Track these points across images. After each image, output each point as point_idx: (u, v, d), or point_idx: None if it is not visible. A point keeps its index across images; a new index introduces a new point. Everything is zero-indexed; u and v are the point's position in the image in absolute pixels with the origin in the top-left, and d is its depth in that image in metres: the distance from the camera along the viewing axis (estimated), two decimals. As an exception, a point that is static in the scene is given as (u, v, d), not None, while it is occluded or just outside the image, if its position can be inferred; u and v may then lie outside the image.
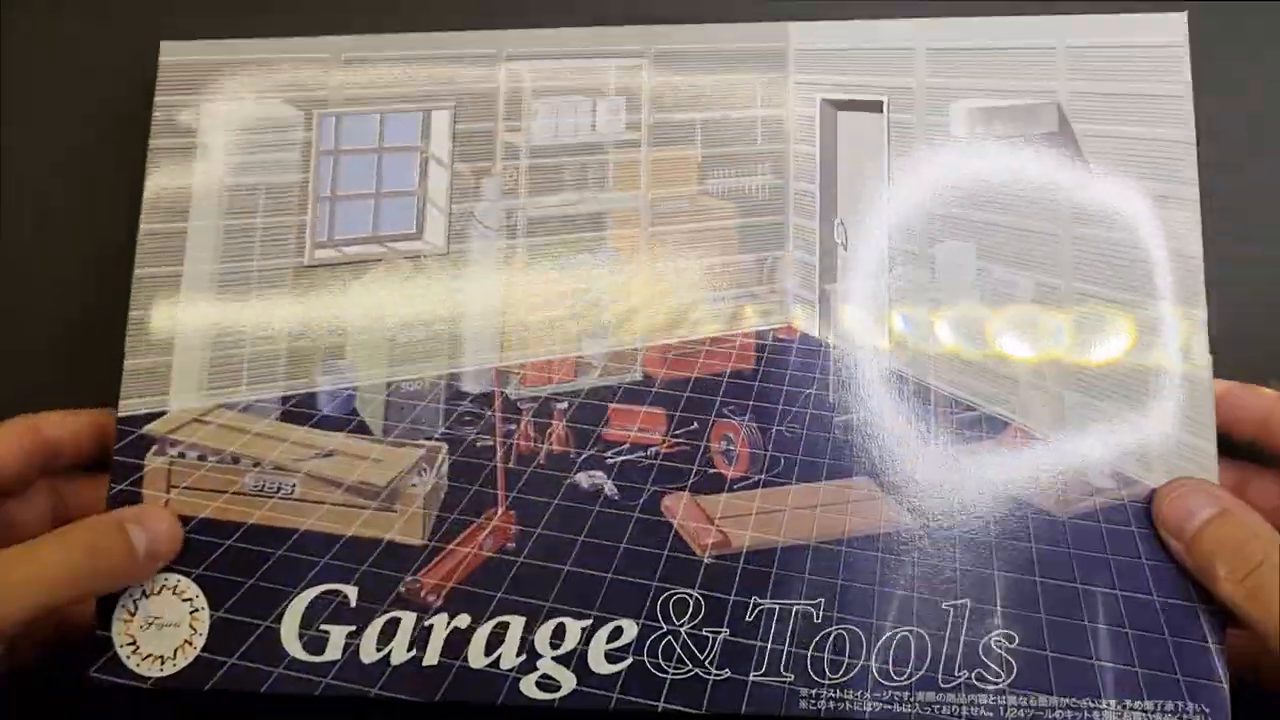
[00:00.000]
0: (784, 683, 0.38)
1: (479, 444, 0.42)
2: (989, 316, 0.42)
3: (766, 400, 0.42)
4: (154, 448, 0.42)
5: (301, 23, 0.46)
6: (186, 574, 0.40)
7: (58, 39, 0.50)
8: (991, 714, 0.38)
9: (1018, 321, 0.41)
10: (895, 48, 0.43)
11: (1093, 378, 0.41)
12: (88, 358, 0.46)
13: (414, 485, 0.41)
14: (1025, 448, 0.40)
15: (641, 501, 0.41)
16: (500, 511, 0.41)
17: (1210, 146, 0.41)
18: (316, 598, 0.40)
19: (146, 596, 0.40)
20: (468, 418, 0.42)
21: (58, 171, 0.49)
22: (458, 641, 0.39)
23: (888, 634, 0.39)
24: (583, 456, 0.42)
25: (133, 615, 0.40)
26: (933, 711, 0.38)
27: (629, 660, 0.39)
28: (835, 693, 0.38)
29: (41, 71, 0.50)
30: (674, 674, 0.39)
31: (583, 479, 0.41)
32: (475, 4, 0.49)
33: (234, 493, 0.41)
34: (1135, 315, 0.41)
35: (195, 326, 0.43)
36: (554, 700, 0.39)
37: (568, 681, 0.39)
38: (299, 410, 0.42)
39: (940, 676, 0.38)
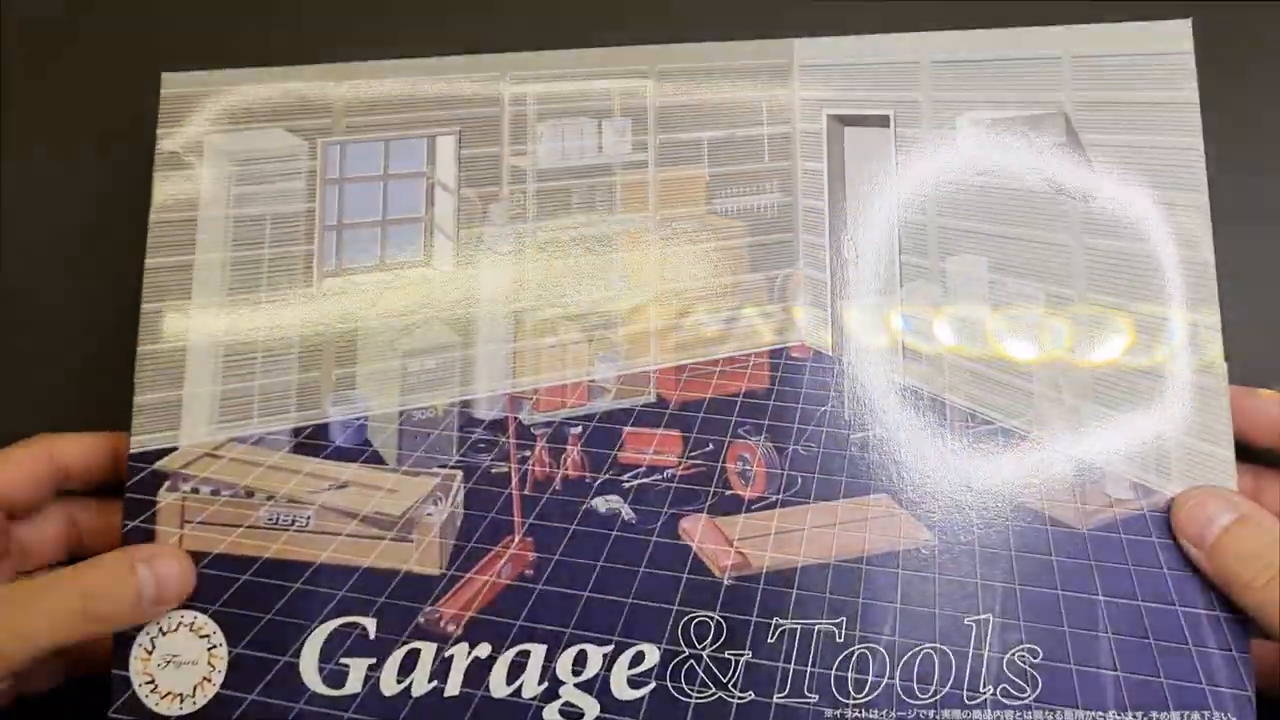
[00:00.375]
0: (808, 704, 0.38)
1: (494, 471, 0.42)
2: (1002, 329, 0.41)
3: (782, 419, 0.42)
4: (166, 483, 0.41)
5: (303, 51, 0.45)
6: (203, 610, 0.40)
7: (60, 69, 0.50)
8: (1017, 729, 0.38)
9: (1031, 333, 0.41)
10: (900, 61, 0.43)
11: (1108, 388, 0.41)
12: (96, 380, 0.46)
13: (430, 514, 0.41)
14: (1043, 460, 0.40)
15: (659, 525, 0.41)
16: (517, 539, 0.41)
17: (1217, 151, 0.41)
18: (335, 630, 0.40)
19: (164, 634, 0.40)
20: (482, 445, 0.42)
21: (62, 199, 0.49)
22: (479, 671, 0.39)
23: (911, 651, 0.38)
24: (599, 481, 0.41)
25: (150, 653, 0.40)
26: (959, 729, 0.38)
27: (652, 685, 0.39)
28: (860, 712, 0.38)
29: (45, 101, 0.50)
30: (697, 698, 0.39)
31: (599, 504, 0.41)
32: (477, 28, 0.49)
33: (248, 527, 0.41)
34: (1149, 324, 0.40)
35: (204, 360, 0.42)
36: (578, 728, 0.39)
37: (591, 709, 0.39)
38: (311, 442, 0.42)
39: (965, 693, 0.38)
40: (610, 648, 0.39)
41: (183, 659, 0.40)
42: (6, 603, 0.37)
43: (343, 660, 0.39)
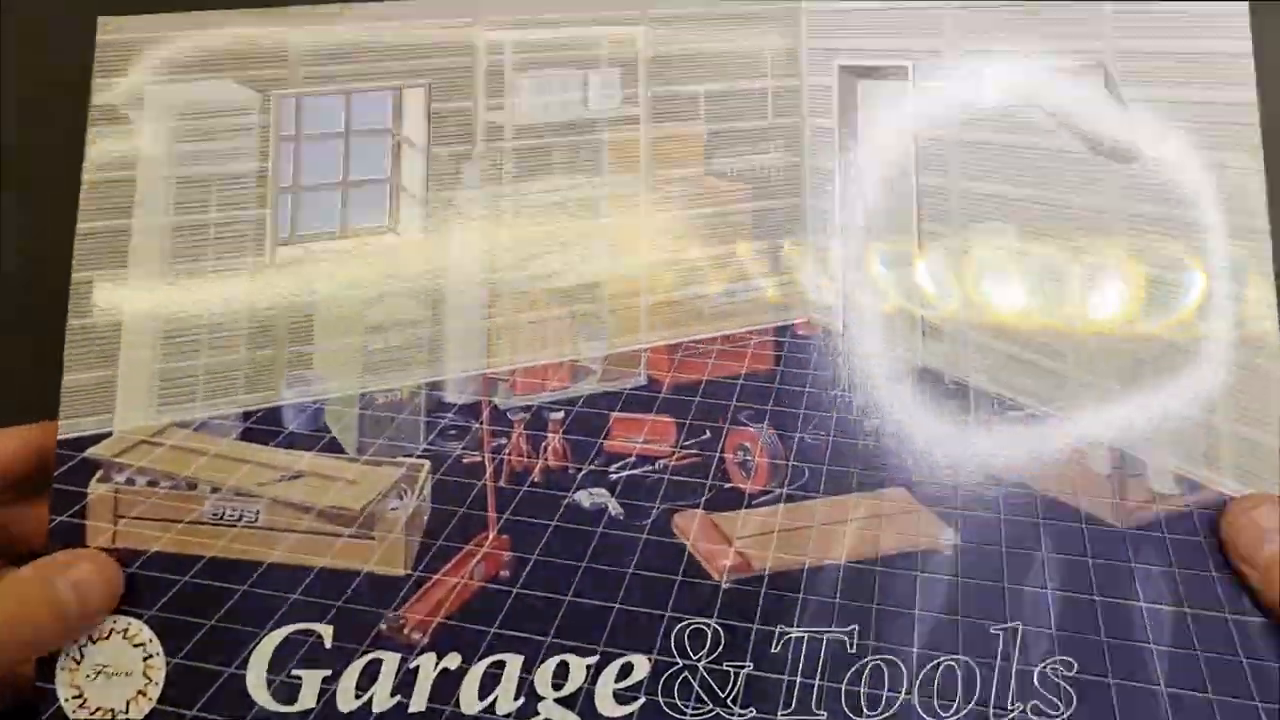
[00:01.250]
0: (816, 722, 0.37)
1: (465, 460, 0.40)
2: (1032, 304, 0.40)
3: (786, 404, 0.40)
4: (99, 473, 0.40)
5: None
6: (138, 616, 0.38)
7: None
8: (1050, 751, 0.36)
9: (1064, 309, 0.39)
10: (921, 6, 0.42)
11: (1149, 368, 0.39)
12: (25, 362, 0.43)
13: (394, 509, 0.40)
14: (1077, 452, 0.38)
15: (650, 521, 0.39)
16: (491, 536, 0.39)
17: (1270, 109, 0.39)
18: (286, 639, 0.38)
19: (93, 642, 0.38)
20: (452, 431, 0.40)
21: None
22: (448, 684, 0.37)
23: (930, 664, 0.37)
24: (583, 472, 0.40)
25: (78, 664, 0.38)
26: (985, 751, 0.36)
27: (641, 700, 0.37)
28: (874, 731, 0.37)
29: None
30: (692, 715, 0.37)
31: (583, 498, 0.40)
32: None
33: (190, 522, 0.39)
34: (1195, 299, 0.39)
35: (142, 335, 0.41)
36: (558, 749, 0.37)
37: (573, 727, 0.37)
38: (261, 427, 0.41)
39: (991, 710, 0.36)
40: (595, 658, 0.37)
41: (114, 670, 0.38)
42: None
43: (295, 672, 0.38)
